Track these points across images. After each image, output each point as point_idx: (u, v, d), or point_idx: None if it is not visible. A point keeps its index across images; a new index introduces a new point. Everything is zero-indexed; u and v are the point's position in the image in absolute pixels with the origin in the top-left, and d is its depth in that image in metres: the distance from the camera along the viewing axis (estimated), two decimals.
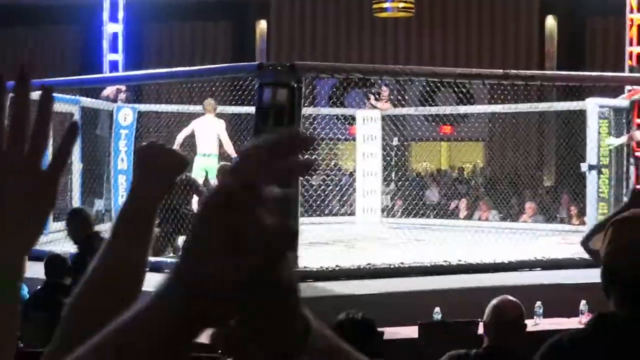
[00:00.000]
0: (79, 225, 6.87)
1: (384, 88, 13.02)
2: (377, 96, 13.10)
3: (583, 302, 6.49)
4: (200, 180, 11.19)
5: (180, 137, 11.20)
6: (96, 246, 1.52)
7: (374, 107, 13.10)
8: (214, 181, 10.83)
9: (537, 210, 13.13)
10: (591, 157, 10.68)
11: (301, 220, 8.21)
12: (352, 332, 3.87)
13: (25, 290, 6.38)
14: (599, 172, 10.72)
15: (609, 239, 2.42)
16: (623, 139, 10.85)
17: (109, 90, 12.01)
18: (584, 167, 10.78)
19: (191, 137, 11.35)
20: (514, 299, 4.05)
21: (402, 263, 8.18)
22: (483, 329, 4.02)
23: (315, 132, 12.30)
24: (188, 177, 9.87)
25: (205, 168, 11.12)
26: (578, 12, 19.65)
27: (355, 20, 20.41)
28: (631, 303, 2.26)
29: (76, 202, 11.05)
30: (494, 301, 4.02)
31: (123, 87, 12.13)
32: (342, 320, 4.09)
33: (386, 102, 13.09)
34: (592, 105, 10.75)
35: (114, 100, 12.14)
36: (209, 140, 11.15)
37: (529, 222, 12.82)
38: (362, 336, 3.92)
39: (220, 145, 11.23)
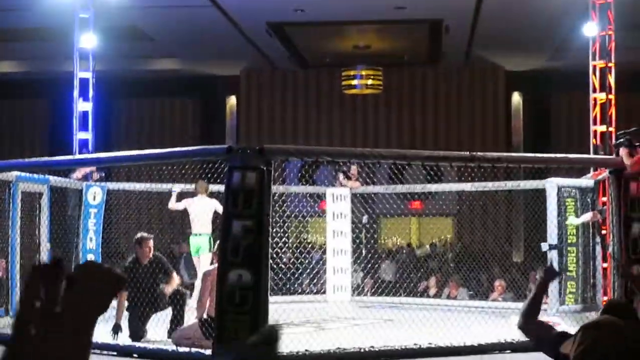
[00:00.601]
0: None
1: (353, 167, 13.06)
2: (346, 175, 13.14)
3: None
4: (195, 260, 11.93)
5: (171, 204, 11.85)
6: None
7: (344, 185, 13.14)
8: (205, 257, 11.38)
9: (507, 287, 13.13)
10: (551, 236, 10.78)
11: (271, 299, 8.16)
12: None
13: None
14: (560, 252, 10.80)
15: (578, 342, 2.47)
16: (586, 217, 10.92)
17: (82, 172, 12.05)
18: (544, 246, 10.87)
19: (184, 215, 12.05)
20: None
21: (372, 347, 8.15)
22: None
23: (285, 213, 12.33)
24: (157, 257, 9.82)
25: (197, 246, 11.77)
26: (543, 90, 20.06)
27: (325, 96, 20.63)
28: None
29: None
30: None
31: (94, 167, 12.15)
32: None
33: (356, 180, 13.13)
34: (552, 186, 10.87)
35: (85, 179, 12.14)
36: (201, 221, 11.66)
37: (498, 300, 12.81)
38: None
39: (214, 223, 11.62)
